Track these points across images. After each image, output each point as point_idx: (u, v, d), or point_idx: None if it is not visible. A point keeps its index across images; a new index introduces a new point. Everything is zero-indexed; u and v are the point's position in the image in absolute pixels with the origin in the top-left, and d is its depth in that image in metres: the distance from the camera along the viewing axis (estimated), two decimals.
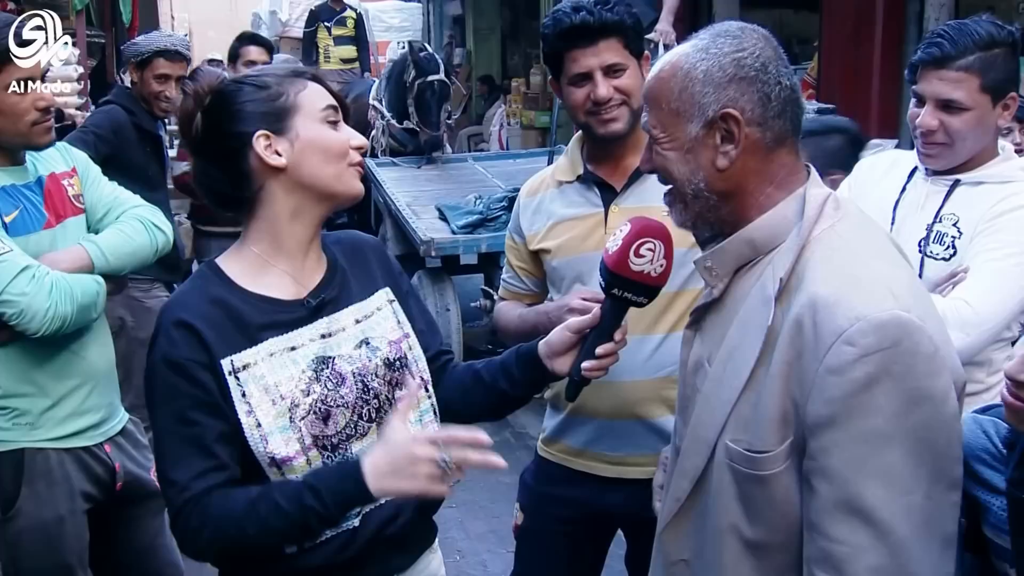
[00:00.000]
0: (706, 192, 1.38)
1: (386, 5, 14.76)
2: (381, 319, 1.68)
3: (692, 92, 1.35)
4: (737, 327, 1.37)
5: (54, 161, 2.35)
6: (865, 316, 1.22)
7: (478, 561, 3.79)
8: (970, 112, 1.96)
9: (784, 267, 1.32)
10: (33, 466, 2.22)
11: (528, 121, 11.42)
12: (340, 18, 10.36)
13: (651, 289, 1.59)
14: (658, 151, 1.41)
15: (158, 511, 2.52)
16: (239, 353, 1.53)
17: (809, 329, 1.26)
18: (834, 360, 1.22)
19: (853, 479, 1.23)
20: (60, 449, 2.25)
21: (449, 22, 15.53)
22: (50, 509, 2.23)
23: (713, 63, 1.35)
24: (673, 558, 1.49)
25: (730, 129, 1.34)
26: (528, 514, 2.31)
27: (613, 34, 2.05)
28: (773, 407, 1.29)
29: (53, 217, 2.26)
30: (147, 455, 2.49)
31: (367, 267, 1.72)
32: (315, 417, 1.55)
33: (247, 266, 1.60)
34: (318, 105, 1.58)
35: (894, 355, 1.22)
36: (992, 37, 1.96)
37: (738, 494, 1.35)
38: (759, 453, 1.30)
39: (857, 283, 1.28)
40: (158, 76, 3.81)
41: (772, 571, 1.34)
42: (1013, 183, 2.02)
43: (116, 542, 2.45)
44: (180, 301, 1.58)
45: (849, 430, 1.22)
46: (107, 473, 2.34)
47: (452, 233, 5.62)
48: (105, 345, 2.39)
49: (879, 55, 5.86)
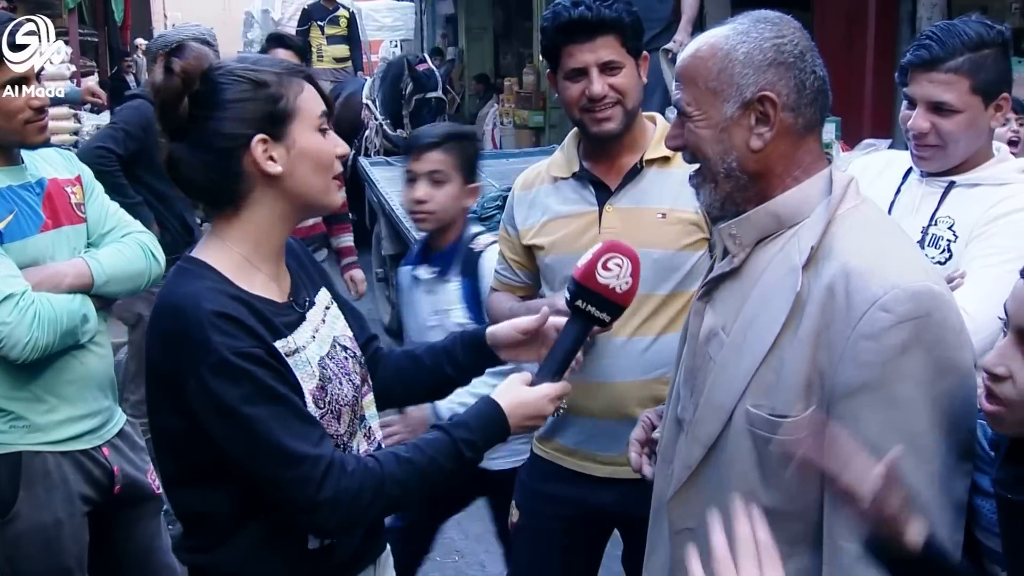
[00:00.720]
0: (738, 172, 1.40)
1: (379, 4, 14.74)
2: (333, 317, 1.67)
3: (731, 73, 1.38)
4: (758, 295, 1.39)
5: (58, 166, 2.35)
6: (900, 285, 1.27)
7: (476, 561, 3.79)
8: (962, 114, 1.95)
9: (810, 238, 1.35)
10: (31, 469, 2.21)
11: (521, 121, 11.42)
12: (333, 17, 10.35)
13: (614, 306, 1.61)
14: (691, 129, 1.42)
15: (155, 513, 2.54)
16: (277, 342, 1.48)
17: (841, 296, 1.29)
18: (869, 326, 1.26)
19: (883, 445, 1.24)
20: (58, 452, 2.24)
21: (442, 21, 15.52)
22: (48, 512, 2.23)
23: (754, 46, 1.38)
24: (678, 526, 1.51)
25: (766, 112, 1.38)
26: (523, 512, 2.32)
27: (611, 31, 2.04)
28: (798, 373, 1.32)
29: (51, 220, 2.24)
30: (144, 457, 2.49)
31: (305, 268, 1.70)
32: (332, 416, 1.55)
33: (236, 267, 1.52)
34: (315, 111, 1.53)
35: (926, 324, 1.26)
36: (981, 38, 1.95)
37: (757, 460, 1.37)
38: (781, 417, 1.33)
39: (889, 256, 1.34)
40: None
41: (786, 540, 1.33)
42: (1009, 185, 2.00)
43: (114, 545, 2.45)
44: (204, 296, 1.44)
45: (881, 394, 1.26)
46: (105, 476, 2.34)
47: None
48: (103, 348, 2.38)
49: (872, 55, 5.87)
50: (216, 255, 1.53)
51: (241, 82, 1.48)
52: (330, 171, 1.56)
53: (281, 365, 1.47)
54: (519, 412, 1.58)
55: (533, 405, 1.59)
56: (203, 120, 1.47)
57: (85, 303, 2.25)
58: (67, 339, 2.19)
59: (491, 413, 1.58)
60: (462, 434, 1.55)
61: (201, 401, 1.43)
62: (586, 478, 2.19)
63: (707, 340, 1.48)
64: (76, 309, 2.21)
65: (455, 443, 1.54)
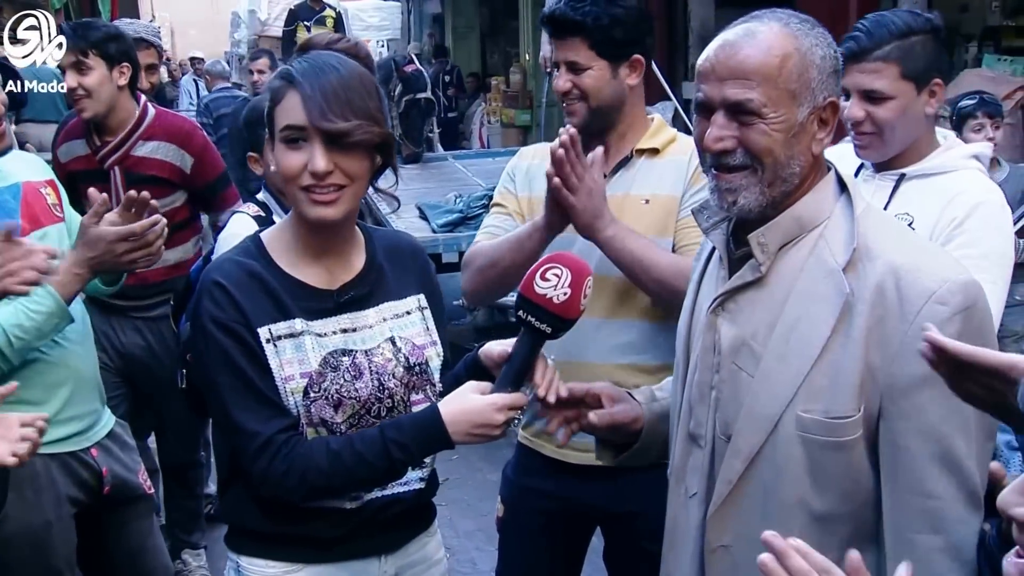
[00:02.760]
0: (796, 176, 1.39)
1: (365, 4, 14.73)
2: (410, 322, 1.72)
3: (810, 77, 1.36)
4: (796, 301, 1.39)
5: (33, 169, 2.34)
6: (950, 279, 1.32)
7: (467, 559, 3.82)
8: (894, 100, 1.98)
9: (845, 240, 1.37)
10: (19, 472, 2.17)
11: (508, 119, 11.45)
12: (319, 17, 10.34)
13: (554, 317, 1.55)
14: (762, 130, 1.36)
15: (146, 513, 2.55)
16: (274, 324, 1.59)
17: (893, 293, 1.32)
18: (928, 319, 1.27)
19: (949, 433, 1.30)
20: (46, 455, 2.23)
21: (428, 20, 15.52)
22: (37, 515, 2.23)
23: (826, 52, 1.38)
24: (713, 545, 1.48)
25: (827, 118, 1.39)
26: (508, 507, 2.34)
27: (578, 33, 2.07)
28: (853, 373, 1.33)
29: (28, 224, 2.22)
30: (134, 457, 2.50)
31: (405, 270, 1.75)
32: (326, 402, 1.60)
33: (286, 247, 1.65)
34: (279, 123, 1.57)
35: (974, 313, 1.32)
36: (909, 26, 1.98)
37: (809, 466, 1.37)
38: (838, 419, 1.34)
39: (927, 252, 1.40)
40: None
41: (837, 544, 1.33)
42: (958, 172, 2.03)
43: (106, 545, 2.46)
44: (219, 267, 1.63)
45: (943, 385, 1.25)
46: (94, 478, 2.34)
47: (432, 232, 5.64)
48: (88, 350, 2.38)
49: None
50: (276, 233, 1.70)
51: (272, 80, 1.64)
52: (292, 183, 1.57)
53: (256, 343, 1.58)
54: (463, 420, 1.56)
55: (479, 413, 1.56)
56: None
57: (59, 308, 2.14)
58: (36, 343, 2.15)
59: (428, 418, 1.58)
60: (393, 435, 1.57)
61: (194, 354, 1.67)
62: (566, 469, 2.20)
63: (734, 352, 1.44)
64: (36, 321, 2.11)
65: (385, 442, 1.56)
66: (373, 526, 1.68)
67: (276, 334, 1.60)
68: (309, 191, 1.55)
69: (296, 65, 1.60)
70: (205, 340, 1.59)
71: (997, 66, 6.28)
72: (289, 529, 1.65)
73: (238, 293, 1.58)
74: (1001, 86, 5.60)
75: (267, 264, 1.64)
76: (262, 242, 1.67)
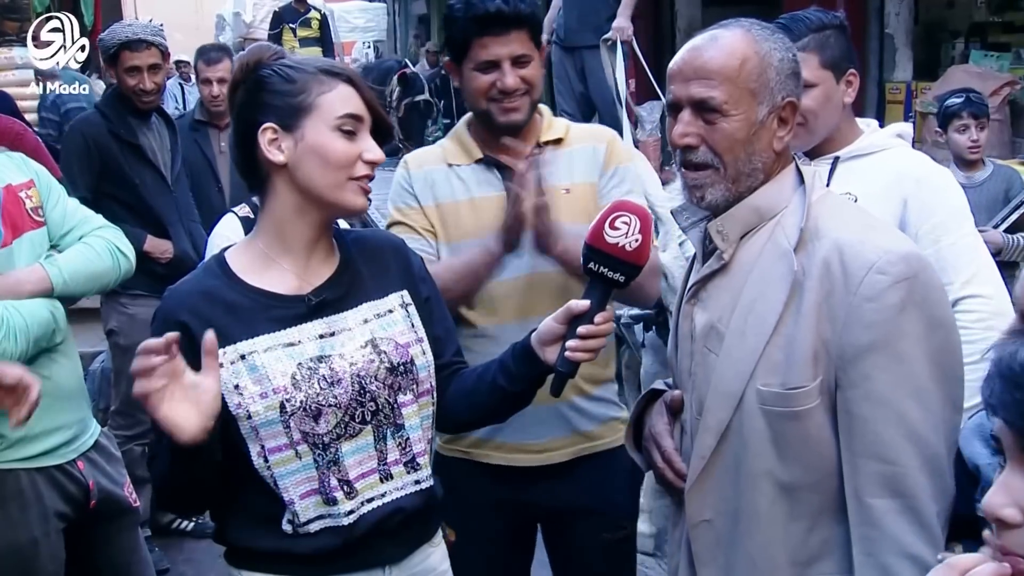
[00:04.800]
0: (761, 172, 1.48)
1: (351, 5, 14.70)
2: (392, 321, 1.68)
3: (768, 77, 1.47)
4: (754, 283, 1.47)
5: (9, 172, 2.27)
6: (891, 249, 1.39)
7: None
8: (816, 88, 2.09)
9: (796, 222, 1.45)
10: (3, 488, 2.18)
11: None
12: (304, 19, 10.31)
13: (626, 264, 1.56)
14: (723, 128, 1.46)
15: (132, 527, 2.51)
16: (234, 344, 1.57)
17: (837, 268, 1.39)
18: (869, 289, 1.36)
19: (897, 399, 1.36)
20: (31, 469, 2.21)
21: (414, 21, 15.51)
22: (24, 531, 2.20)
23: (785, 54, 1.49)
24: (695, 519, 1.54)
25: (787, 117, 1.49)
26: (459, 529, 2.17)
27: (524, 25, 2.07)
28: (806, 346, 1.40)
29: (10, 233, 2.19)
30: (121, 469, 2.46)
31: (384, 267, 1.73)
32: (305, 414, 1.57)
33: (252, 259, 1.64)
34: (336, 111, 1.59)
35: (915, 284, 1.37)
36: (822, 21, 2.14)
37: (771, 437, 1.44)
38: (794, 389, 1.41)
39: (873, 228, 1.47)
40: (128, 70, 3.63)
41: (806, 513, 1.44)
42: (889, 150, 2.17)
43: (92, 560, 2.42)
44: (176, 294, 1.64)
45: (887, 352, 1.36)
46: (80, 491, 2.31)
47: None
48: (72, 361, 2.35)
49: None
50: (238, 249, 1.69)
51: (274, 76, 1.61)
52: (343, 170, 1.59)
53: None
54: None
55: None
56: (240, 107, 1.64)
57: (55, 307, 2.21)
58: (40, 343, 2.16)
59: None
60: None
61: None
62: (514, 473, 2.15)
63: (704, 337, 1.53)
64: (44, 313, 2.17)
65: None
66: (375, 537, 1.65)
67: (237, 354, 1.57)
68: (360, 181, 1.61)
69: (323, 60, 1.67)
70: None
71: (984, 62, 6.30)
72: (289, 544, 1.63)
73: (193, 321, 1.56)
74: (988, 82, 5.61)
75: (230, 281, 1.62)
76: (225, 260, 1.66)
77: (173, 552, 3.91)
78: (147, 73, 3.64)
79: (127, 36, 3.67)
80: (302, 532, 1.61)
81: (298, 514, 1.60)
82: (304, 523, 1.61)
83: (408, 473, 1.68)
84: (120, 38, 3.67)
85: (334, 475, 1.61)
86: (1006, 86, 5.78)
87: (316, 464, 1.59)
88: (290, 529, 1.62)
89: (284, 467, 1.58)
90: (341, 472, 1.61)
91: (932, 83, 6.20)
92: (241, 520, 1.66)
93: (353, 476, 1.62)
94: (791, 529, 1.45)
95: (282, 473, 1.59)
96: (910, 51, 6.84)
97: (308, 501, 1.61)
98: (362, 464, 1.64)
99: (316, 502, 1.61)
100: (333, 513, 1.61)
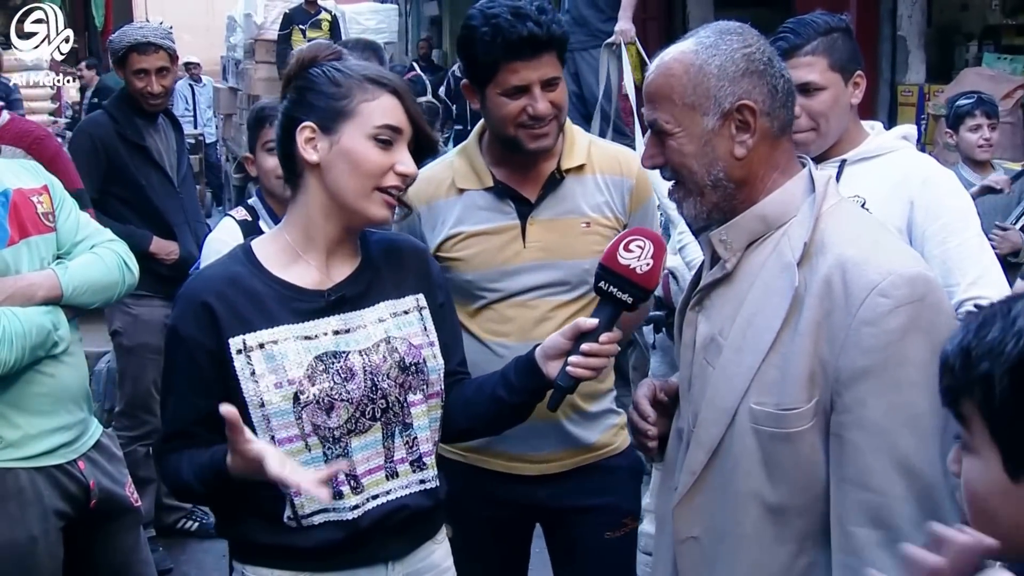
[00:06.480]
0: (725, 181, 1.44)
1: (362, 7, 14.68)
2: (407, 322, 1.71)
3: (707, 87, 1.43)
4: (755, 296, 1.43)
5: (23, 176, 2.29)
6: (896, 271, 1.32)
7: None
8: (826, 91, 2.10)
9: (801, 235, 1.40)
10: (4, 486, 2.18)
11: None
12: (315, 21, 10.32)
13: (636, 287, 1.60)
14: (672, 146, 1.46)
15: (133, 526, 2.52)
16: (254, 332, 1.60)
17: (839, 287, 1.33)
18: (869, 312, 1.30)
19: (890, 428, 1.30)
20: (32, 468, 2.21)
21: (426, 23, 15.52)
22: (23, 529, 2.20)
23: (726, 58, 1.43)
24: (682, 535, 1.51)
25: (746, 120, 1.43)
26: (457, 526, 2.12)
27: (554, 48, 1.99)
28: (801, 366, 1.35)
29: (17, 233, 2.19)
30: (122, 469, 2.46)
31: (403, 270, 1.76)
32: (318, 407, 1.60)
33: (277, 251, 1.68)
34: (374, 120, 1.61)
35: (922, 308, 1.31)
36: (828, 24, 2.14)
37: (762, 457, 1.39)
38: (787, 410, 1.37)
39: (881, 246, 1.40)
40: (136, 72, 3.65)
41: (793, 537, 1.40)
42: (896, 152, 2.17)
43: (92, 559, 2.42)
44: (202, 276, 1.71)
45: (884, 379, 1.30)
46: (81, 491, 2.31)
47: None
48: (77, 360, 2.35)
49: None
50: (265, 239, 1.74)
51: (322, 77, 1.65)
52: (370, 179, 1.61)
53: (211, 362, 1.61)
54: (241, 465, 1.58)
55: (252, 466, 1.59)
56: (286, 99, 1.69)
57: (56, 314, 2.21)
58: (37, 352, 2.16)
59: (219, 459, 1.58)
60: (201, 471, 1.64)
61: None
62: (515, 479, 2.14)
63: (704, 347, 1.50)
64: (44, 322, 2.17)
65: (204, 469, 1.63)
66: (379, 533, 1.67)
67: (257, 342, 1.61)
68: (387, 192, 1.63)
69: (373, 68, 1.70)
70: (166, 340, 1.70)
71: (997, 65, 6.26)
72: (293, 539, 1.64)
73: (217, 304, 1.61)
74: (1001, 85, 5.58)
75: (255, 269, 1.66)
76: (251, 248, 1.70)
77: (176, 552, 3.92)
78: (155, 76, 3.66)
79: (136, 39, 3.69)
80: (305, 524, 1.63)
81: (302, 505, 1.61)
82: (308, 515, 1.63)
83: (414, 472, 1.70)
84: (129, 40, 3.69)
85: (342, 469, 1.62)
86: (1019, 89, 5.73)
87: (325, 457, 1.61)
88: (292, 523, 1.63)
89: (293, 458, 1.58)
90: (349, 466, 1.63)
91: (945, 86, 6.15)
92: (245, 514, 1.67)
93: (360, 472, 1.64)
94: (777, 552, 1.41)
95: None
96: (923, 53, 6.80)
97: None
98: (369, 460, 1.66)
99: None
100: (338, 507, 1.63)
